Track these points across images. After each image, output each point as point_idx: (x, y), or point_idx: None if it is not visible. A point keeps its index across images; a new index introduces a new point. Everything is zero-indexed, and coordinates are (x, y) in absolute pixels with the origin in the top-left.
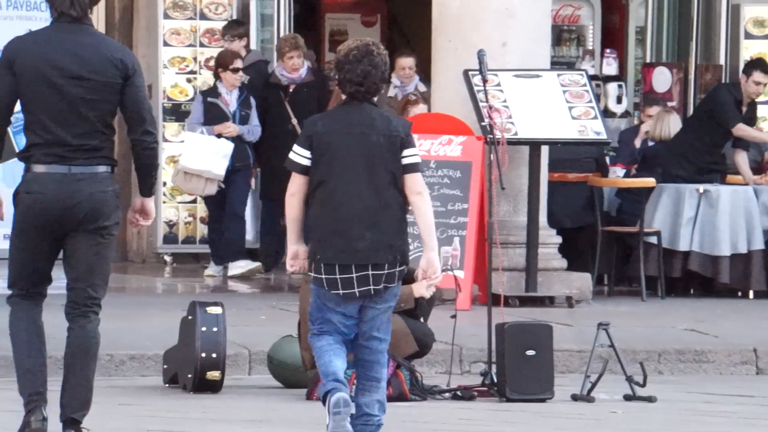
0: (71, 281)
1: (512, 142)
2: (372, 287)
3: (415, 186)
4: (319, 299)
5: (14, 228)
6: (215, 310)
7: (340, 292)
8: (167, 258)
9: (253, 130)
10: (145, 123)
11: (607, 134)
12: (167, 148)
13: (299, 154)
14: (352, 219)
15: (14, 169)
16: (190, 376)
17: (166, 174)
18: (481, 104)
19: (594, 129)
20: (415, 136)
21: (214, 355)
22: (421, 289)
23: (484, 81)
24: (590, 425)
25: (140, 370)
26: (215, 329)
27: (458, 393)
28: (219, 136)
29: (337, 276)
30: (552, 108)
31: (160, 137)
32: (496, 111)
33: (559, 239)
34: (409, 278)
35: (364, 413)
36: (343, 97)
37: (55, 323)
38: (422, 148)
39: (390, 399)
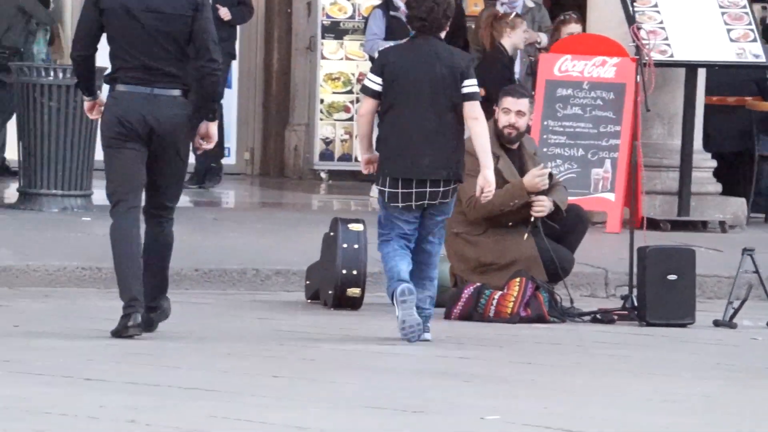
0: (149, 191)
1: (668, 64)
2: (427, 201)
3: (473, 112)
4: (384, 209)
5: (105, 145)
6: (357, 227)
7: (399, 204)
8: (323, 175)
9: None
10: (209, 51)
11: (766, 57)
12: (325, 66)
13: (372, 81)
14: (417, 140)
15: None
16: (330, 292)
17: (323, 91)
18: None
19: (753, 52)
20: (566, 56)
21: (354, 272)
22: (533, 181)
23: (633, 1)
24: (728, 351)
25: (285, 286)
26: (356, 246)
27: (597, 316)
28: None
29: (399, 190)
30: (710, 30)
31: (318, 55)
32: (652, 32)
33: (713, 163)
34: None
35: (417, 306)
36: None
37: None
38: (575, 69)
39: (528, 320)
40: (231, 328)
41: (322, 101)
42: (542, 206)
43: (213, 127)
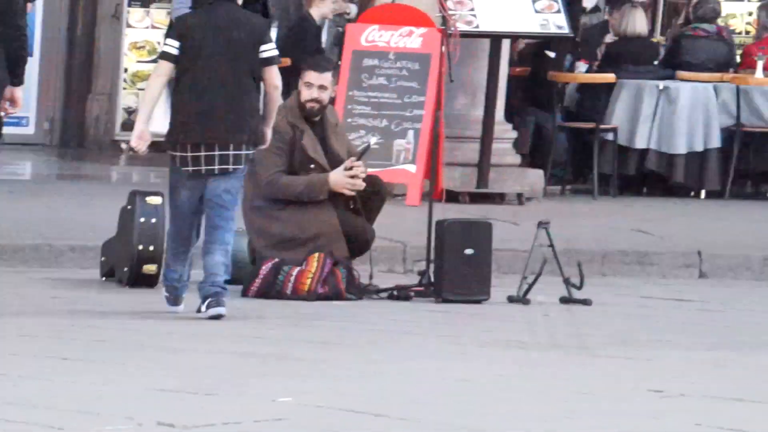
0: None
1: (473, 35)
2: (217, 167)
3: (272, 79)
4: (174, 173)
5: None
6: (155, 200)
7: (190, 169)
8: (123, 146)
9: None
10: (13, 16)
11: (570, 29)
12: (130, 34)
13: (170, 45)
14: (215, 104)
15: None
16: (126, 269)
17: (128, 60)
18: None
19: (556, 23)
20: (374, 26)
21: (151, 248)
22: (340, 181)
23: None
24: (519, 328)
25: (80, 262)
26: (154, 220)
27: (394, 293)
28: None
29: (188, 154)
30: (515, 1)
31: (124, 23)
32: (458, 3)
33: (514, 134)
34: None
35: (209, 274)
36: None
37: None
38: (382, 39)
39: (325, 297)
40: (22, 307)
41: (126, 70)
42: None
43: (17, 91)
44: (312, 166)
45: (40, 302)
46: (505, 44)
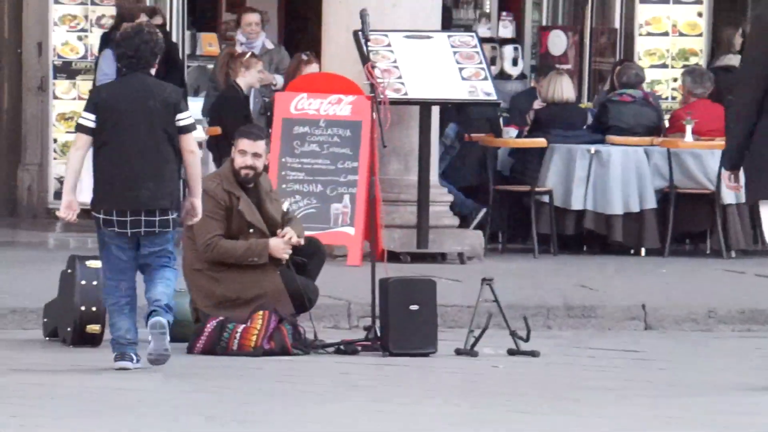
0: None
1: (402, 102)
2: (144, 229)
3: (188, 145)
4: (100, 232)
5: None
6: (95, 264)
7: (116, 230)
8: (58, 213)
9: None
10: None
11: (498, 95)
12: (57, 106)
13: (86, 118)
14: (135, 172)
15: None
16: (69, 329)
17: (57, 131)
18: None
19: (484, 90)
20: (302, 95)
21: (94, 309)
22: (279, 247)
23: (366, 40)
24: (470, 379)
25: (22, 324)
26: (95, 282)
27: (341, 347)
28: None
29: (114, 218)
30: (442, 69)
31: (51, 95)
32: (386, 71)
33: (450, 197)
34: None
35: (155, 299)
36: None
37: None
38: (311, 107)
39: (272, 353)
40: None
41: (55, 140)
42: (289, 234)
43: None
44: (251, 230)
45: None
46: (435, 110)
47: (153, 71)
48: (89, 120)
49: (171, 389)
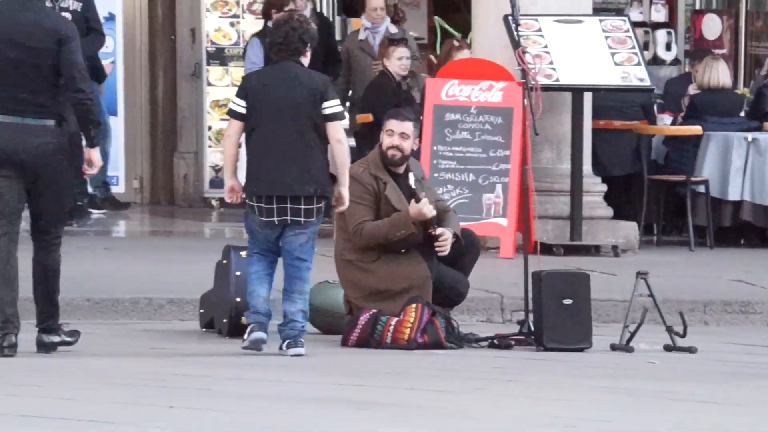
0: (32, 217)
1: (554, 89)
2: (289, 218)
3: (335, 134)
4: (251, 220)
5: None
6: None
7: (264, 219)
8: (214, 202)
9: None
10: (75, 82)
11: (651, 81)
12: (212, 92)
13: (237, 104)
14: (280, 158)
15: None
16: (225, 320)
17: (211, 118)
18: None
19: (637, 75)
20: (453, 81)
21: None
22: (418, 208)
23: (516, 25)
24: (626, 375)
25: (179, 315)
26: None
27: (494, 341)
28: None
29: (263, 205)
30: (594, 54)
31: (204, 82)
32: (537, 57)
33: (604, 187)
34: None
35: (290, 320)
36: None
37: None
38: (462, 93)
39: (425, 346)
40: (125, 358)
41: (210, 128)
42: (445, 245)
43: (92, 153)
44: None
45: (142, 354)
46: (587, 96)
47: (305, 60)
48: (240, 106)
49: (325, 382)
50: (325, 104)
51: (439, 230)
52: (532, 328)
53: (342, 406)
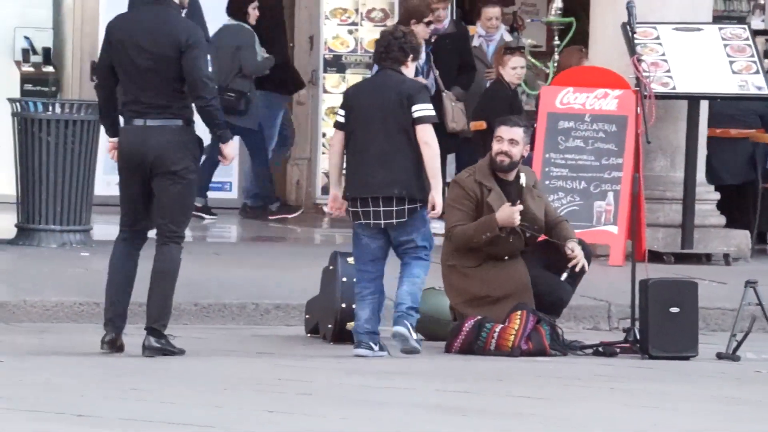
0: (155, 217)
1: (670, 97)
2: (383, 221)
3: (423, 136)
4: (354, 229)
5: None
6: None
7: (361, 221)
8: (326, 209)
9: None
10: (197, 89)
11: None
12: (327, 100)
13: (339, 114)
14: (368, 160)
15: None
16: (330, 326)
17: (326, 125)
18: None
19: (755, 84)
20: (568, 89)
21: (354, 306)
22: (507, 213)
23: (633, 33)
24: (731, 384)
25: (285, 320)
26: (356, 280)
27: (599, 349)
28: None
29: (358, 209)
30: (712, 62)
31: (320, 89)
32: (654, 65)
33: (717, 195)
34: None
35: (398, 303)
36: None
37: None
38: (577, 101)
39: (530, 353)
40: (229, 362)
41: (324, 135)
42: (578, 256)
43: (224, 148)
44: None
45: (246, 358)
46: (704, 105)
47: (405, 69)
48: (340, 116)
49: (427, 388)
50: (414, 107)
51: (569, 246)
52: (638, 336)
53: (440, 412)
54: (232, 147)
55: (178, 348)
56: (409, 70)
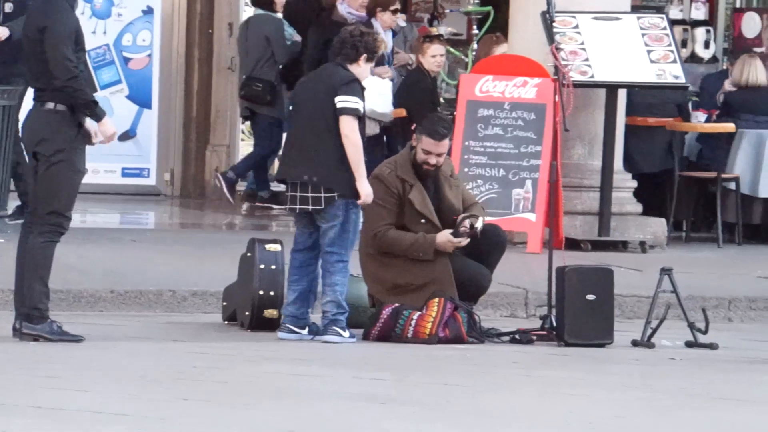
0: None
1: (588, 85)
2: (298, 206)
3: (343, 128)
4: None
5: None
6: (274, 247)
7: (288, 206)
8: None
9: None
10: (56, 69)
11: (687, 79)
12: None
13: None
14: (292, 147)
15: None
16: (247, 313)
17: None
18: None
19: (673, 73)
20: (488, 77)
21: (272, 293)
22: (446, 244)
23: (552, 21)
24: (646, 371)
25: (202, 307)
26: (273, 267)
27: (516, 336)
28: None
29: (288, 193)
30: (630, 51)
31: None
32: (573, 53)
33: (634, 183)
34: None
35: (323, 310)
36: None
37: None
38: (496, 89)
39: (447, 341)
40: (145, 349)
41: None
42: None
43: (100, 125)
44: (422, 221)
45: (162, 346)
46: (621, 93)
47: (355, 67)
48: (289, 108)
49: (343, 375)
50: (337, 98)
51: (460, 218)
52: (555, 324)
53: (356, 400)
54: (109, 125)
55: (73, 335)
56: (361, 69)
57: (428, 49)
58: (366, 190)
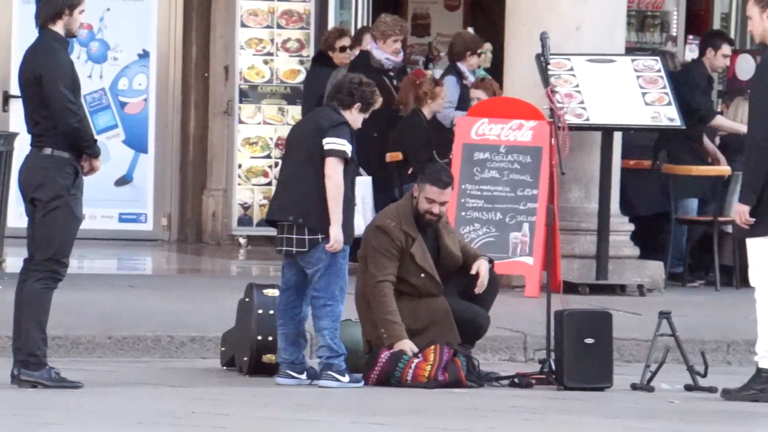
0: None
1: (584, 128)
2: (284, 248)
3: (327, 169)
4: None
5: None
6: (272, 292)
7: (276, 247)
8: (242, 240)
9: None
10: (58, 114)
11: (681, 121)
12: (242, 130)
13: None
14: (278, 187)
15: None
16: (246, 358)
17: (241, 156)
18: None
19: (668, 115)
20: (483, 120)
21: (270, 338)
22: (407, 348)
23: (546, 64)
24: (646, 415)
25: (200, 352)
26: (272, 312)
27: (515, 380)
28: None
29: (276, 235)
30: (625, 93)
31: (236, 119)
32: (568, 96)
33: (631, 227)
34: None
35: (318, 354)
36: None
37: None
38: (492, 132)
39: (446, 385)
40: (143, 395)
41: (240, 166)
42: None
43: (95, 162)
44: (422, 275)
45: (160, 391)
46: (617, 136)
47: (347, 114)
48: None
49: (342, 420)
50: (325, 140)
51: (474, 267)
52: (554, 367)
53: None
54: (99, 161)
55: (71, 381)
56: (353, 117)
57: (441, 92)
58: (337, 237)
